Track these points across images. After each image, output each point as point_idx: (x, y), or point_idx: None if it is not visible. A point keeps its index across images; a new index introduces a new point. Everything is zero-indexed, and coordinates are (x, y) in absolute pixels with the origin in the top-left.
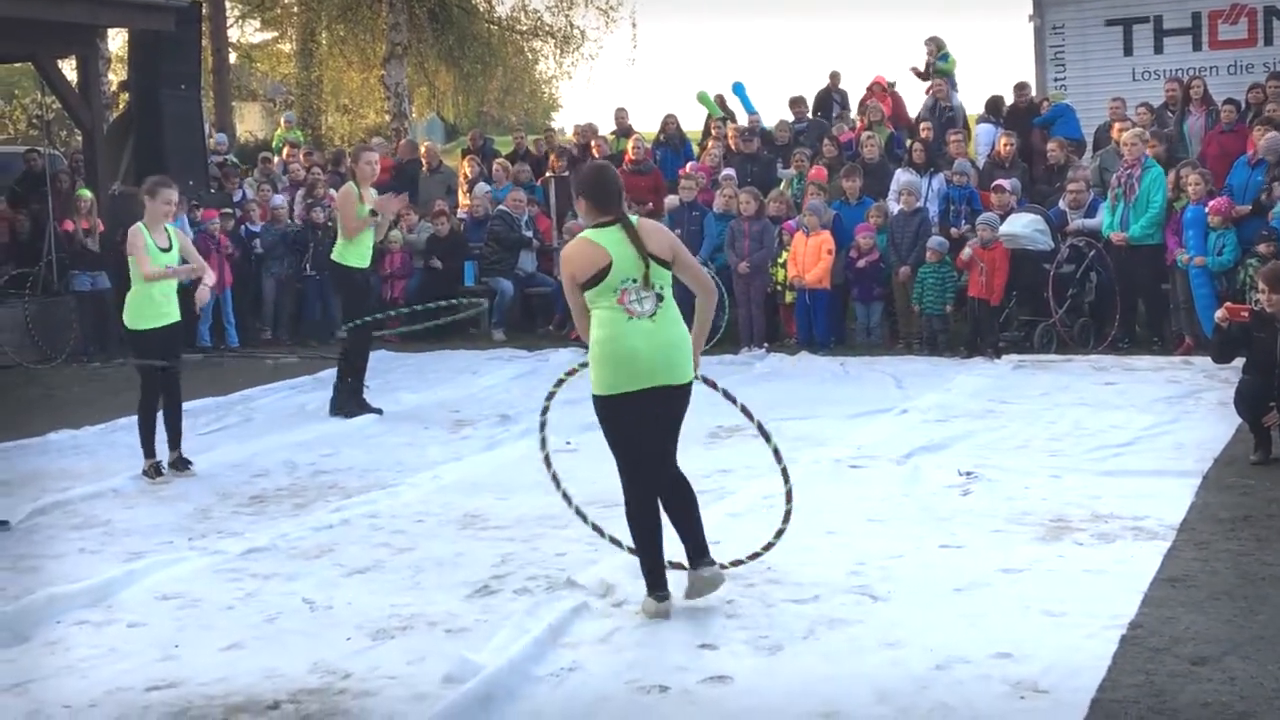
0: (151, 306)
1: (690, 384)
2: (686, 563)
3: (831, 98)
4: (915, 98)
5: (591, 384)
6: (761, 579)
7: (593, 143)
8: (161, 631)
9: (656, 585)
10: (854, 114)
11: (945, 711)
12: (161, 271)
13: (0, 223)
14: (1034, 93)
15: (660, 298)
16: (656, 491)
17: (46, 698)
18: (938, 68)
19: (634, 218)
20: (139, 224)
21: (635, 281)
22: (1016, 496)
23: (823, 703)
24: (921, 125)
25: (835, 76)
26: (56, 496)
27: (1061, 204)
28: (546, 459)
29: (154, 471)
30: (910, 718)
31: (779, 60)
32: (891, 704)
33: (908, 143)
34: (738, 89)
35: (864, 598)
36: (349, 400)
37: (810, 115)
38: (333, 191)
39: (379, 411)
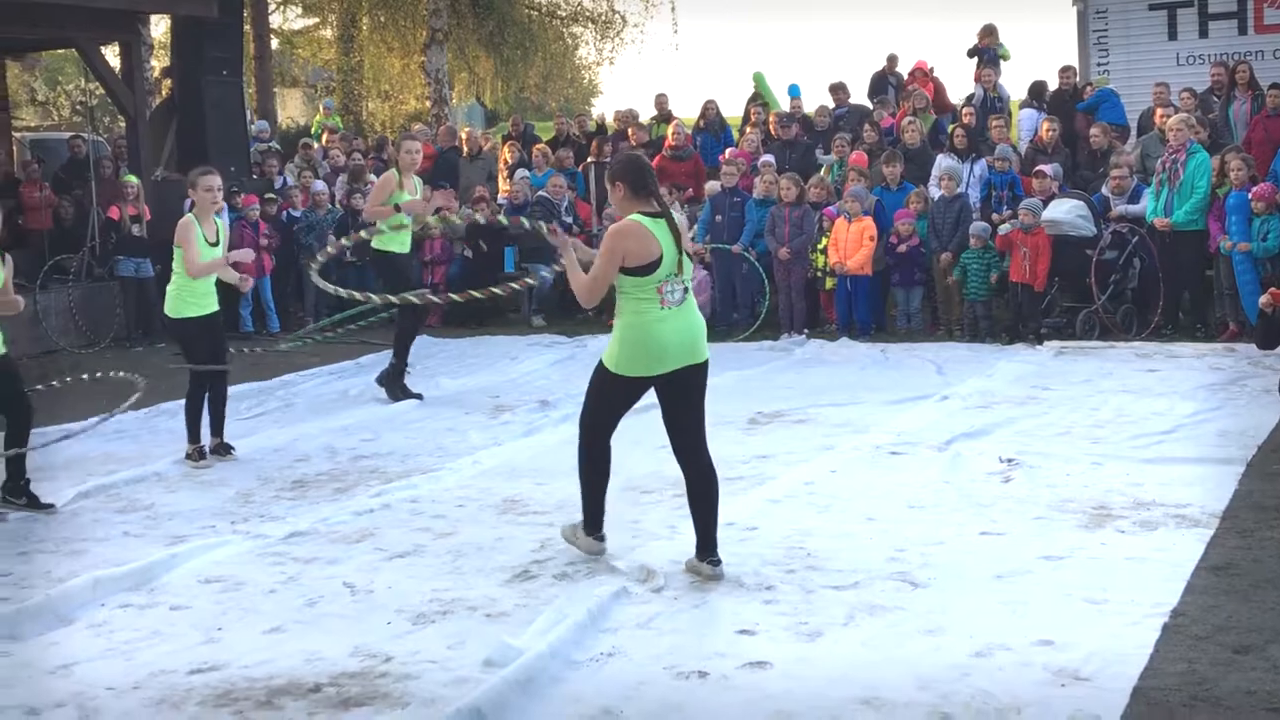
0: (192, 296)
1: (707, 361)
2: (694, 550)
3: (887, 80)
4: (956, 83)
5: (607, 357)
6: (801, 565)
7: (630, 130)
8: (204, 614)
9: (595, 526)
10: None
11: (986, 698)
12: (206, 266)
13: (45, 208)
14: (1077, 78)
15: (685, 289)
16: (608, 442)
17: (90, 680)
18: (998, 51)
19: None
20: (190, 215)
21: (674, 275)
22: (1058, 484)
23: (863, 689)
24: (964, 110)
25: (893, 60)
26: (100, 480)
27: (1104, 190)
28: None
29: (197, 456)
30: (950, 705)
31: (815, 55)
32: (932, 691)
33: (949, 128)
34: (793, 91)
35: (904, 584)
36: (394, 382)
37: (867, 98)
38: (373, 177)
39: (419, 397)
